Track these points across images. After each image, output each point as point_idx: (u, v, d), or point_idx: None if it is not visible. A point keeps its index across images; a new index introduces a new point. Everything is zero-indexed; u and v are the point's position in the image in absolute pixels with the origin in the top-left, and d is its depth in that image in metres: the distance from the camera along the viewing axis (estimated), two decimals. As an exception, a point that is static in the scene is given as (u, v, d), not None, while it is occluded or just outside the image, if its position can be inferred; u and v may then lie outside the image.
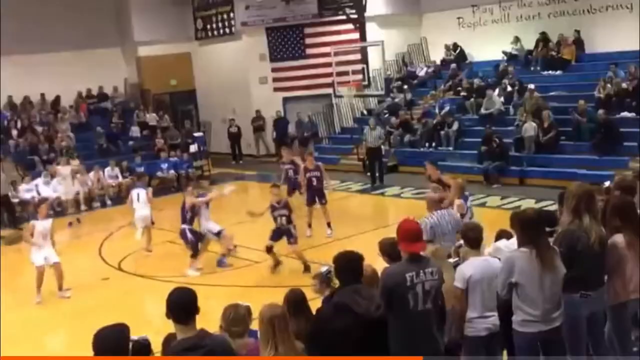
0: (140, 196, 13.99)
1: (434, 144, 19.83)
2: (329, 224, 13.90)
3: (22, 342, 9.84)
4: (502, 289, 5.26)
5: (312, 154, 15.79)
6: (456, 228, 7.31)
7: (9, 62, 22.41)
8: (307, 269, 11.35)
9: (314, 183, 14.03)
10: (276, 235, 11.77)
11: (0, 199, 17.18)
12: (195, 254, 12.22)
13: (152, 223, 14.15)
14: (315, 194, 14.00)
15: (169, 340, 5.07)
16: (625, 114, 17.18)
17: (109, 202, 19.54)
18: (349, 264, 4.96)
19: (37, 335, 10.17)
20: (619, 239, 5.45)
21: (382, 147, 19.15)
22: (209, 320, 4.88)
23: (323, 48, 22.97)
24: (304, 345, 4.68)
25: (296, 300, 5.29)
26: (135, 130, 23.53)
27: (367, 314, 4.65)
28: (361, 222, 14.75)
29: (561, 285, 5.21)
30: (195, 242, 12.22)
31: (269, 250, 11.77)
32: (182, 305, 4.26)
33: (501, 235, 6.62)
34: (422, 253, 5.05)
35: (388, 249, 5.63)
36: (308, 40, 23.97)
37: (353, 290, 4.78)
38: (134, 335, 5.19)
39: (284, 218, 11.71)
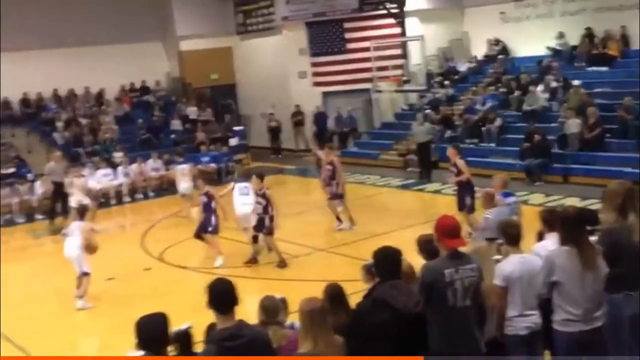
0: (247, 190, 12.72)
1: (475, 140, 19.62)
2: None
3: (63, 328, 10.07)
4: (542, 288, 5.20)
5: (333, 148, 15.61)
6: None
7: (57, 56, 22.96)
8: (281, 263, 11.81)
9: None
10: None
11: (55, 187, 17.35)
12: None
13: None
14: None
15: (211, 329, 5.15)
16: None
17: (151, 193, 19.81)
18: (387, 259, 4.97)
19: (78, 322, 10.39)
20: None
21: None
22: (246, 312, 4.95)
23: (363, 43, 22.89)
24: (343, 338, 4.70)
25: (334, 294, 5.29)
26: (176, 124, 23.78)
27: (406, 309, 4.65)
28: (400, 218, 14.69)
29: (603, 285, 5.14)
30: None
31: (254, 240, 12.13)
32: (222, 295, 4.33)
33: (542, 234, 6.52)
34: (464, 250, 5.03)
35: (426, 246, 5.62)
36: (348, 35, 23.93)
37: (391, 285, 4.78)
38: (175, 327, 5.34)
39: (260, 207, 11.87)
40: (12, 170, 19.11)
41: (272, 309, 5.20)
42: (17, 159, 19.95)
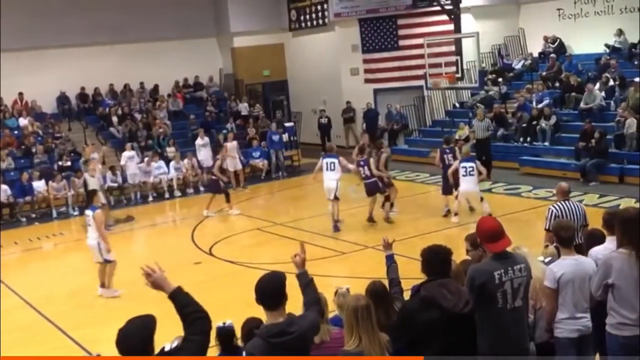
0: (333, 165, 13.98)
1: (529, 139, 19.25)
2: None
3: (113, 319, 10.22)
4: (596, 290, 5.07)
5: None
6: (581, 221, 7.70)
7: (113, 52, 23.47)
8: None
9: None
10: None
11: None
12: None
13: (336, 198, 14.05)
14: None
15: (247, 324, 5.17)
16: None
17: (202, 188, 20.02)
18: (437, 257, 4.86)
19: (128, 313, 10.54)
20: None
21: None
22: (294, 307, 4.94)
23: (416, 39, 22.70)
24: (389, 337, 4.65)
25: (376, 292, 5.24)
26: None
27: (455, 309, 4.57)
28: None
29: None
30: None
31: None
32: (270, 291, 4.31)
33: (591, 234, 6.32)
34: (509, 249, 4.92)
35: (474, 241, 5.60)
36: (401, 32, 23.77)
37: (441, 284, 4.69)
38: (219, 322, 5.37)
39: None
40: (68, 163, 19.54)
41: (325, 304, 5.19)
42: (73, 153, 20.41)
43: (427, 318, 4.57)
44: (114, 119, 22.64)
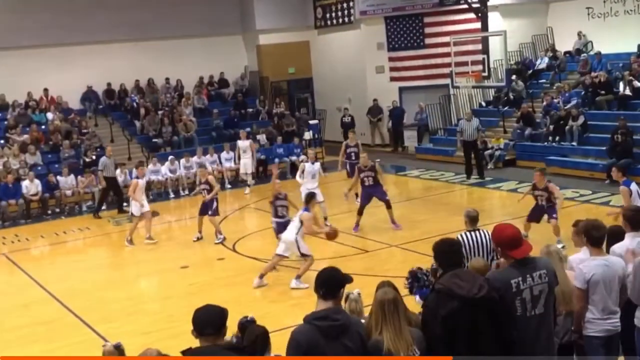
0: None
1: (557, 139, 19.03)
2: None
3: (138, 313, 10.32)
4: (633, 293, 4.96)
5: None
6: (490, 254, 7.48)
7: (140, 48, 23.68)
8: None
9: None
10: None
11: (108, 182, 17.87)
12: None
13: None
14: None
15: (252, 331, 5.18)
16: None
17: (228, 185, 20.05)
18: (449, 249, 4.85)
19: (151, 309, 10.61)
20: None
21: (480, 139, 18.91)
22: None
23: (442, 38, 22.57)
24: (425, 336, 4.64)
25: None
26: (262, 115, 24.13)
27: (470, 294, 4.51)
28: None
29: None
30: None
31: None
32: (326, 281, 4.45)
33: (612, 232, 6.18)
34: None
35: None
36: (427, 30, 23.65)
37: (453, 274, 4.66)
38: (241, 317, 5.40)
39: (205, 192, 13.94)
40: (93, 158, 19.72)
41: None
42: (99, 148, 20.59)
43: (449, 309, 4.52)
44: (140, 114, 22.77)
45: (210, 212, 14.01)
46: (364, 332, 4.44)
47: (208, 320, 4.15)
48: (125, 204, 17.95)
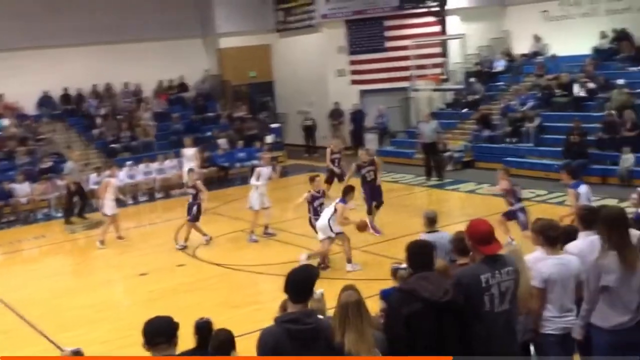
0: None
1: (514, 140, 19.31)
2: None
3: (97, 322, 10.14)
4: (594, 293, 5.09)
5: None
6: (448, 255, 7.42)
7: (97, 52, 23.32)
8: None
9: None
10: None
11: (69, 188, 17.57)
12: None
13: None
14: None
15: (218, 336, 5.17)
16: None
17: (158, 194, 19.78)
18: (420, 252, 4.93)
19: (110, 317, 10.44)
20: None
21: (439, 141, 19.05)
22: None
23: (403, 41, 22.74)
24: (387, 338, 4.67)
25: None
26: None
27: (434, 297, 4.57)
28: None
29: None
30: None
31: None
32: (297, 284, 4.38)
33: (567, 231, 6.28)
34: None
35: (459, 245, 5.65)
36: (388, 33, 23.80)
37: (420, 277, 4.73)
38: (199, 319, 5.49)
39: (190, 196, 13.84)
40: (49, 165, 19.37)
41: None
42: (55, 154, 20.23)
43: (408, 310, 4.58)
44: (97, 120, 22.46)
45: (189, 217, 13.85)
46: (332, 336, 4.43)
47: (158, 330, 4.12)
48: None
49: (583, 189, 10.39)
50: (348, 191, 11.50)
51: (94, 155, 21.12)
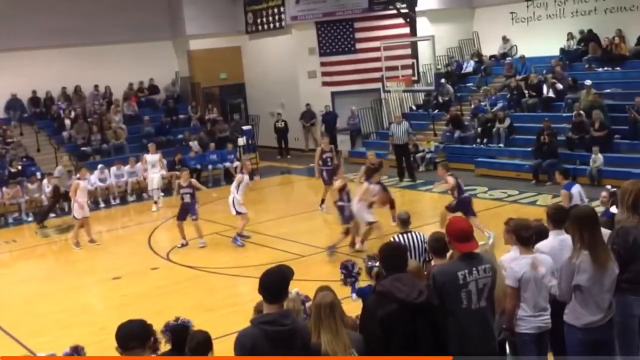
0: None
1: (484, 141, 19.53)
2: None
3: (70, 327, 10.05)
4: (566, 292, 5.16)
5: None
6: (422, 255, 7.97)
7: (67, 54, 23.07)
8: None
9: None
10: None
11: (56, 191, 17.48)
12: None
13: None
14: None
15: (195, 337, 5.17)
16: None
17: (114, 202, 19.53)
18: (393, 252, 4.98)
19: (83, 321, 10.35)
20: None
21: (411, 142, 19.29)
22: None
23: (373, 43, 22.85)
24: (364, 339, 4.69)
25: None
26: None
27: (409, 299, 4.62)
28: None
29: (614, 286, 5.09)
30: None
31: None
32: (272, 285, 4.35)
33: (538, 230, 6.38)
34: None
35: (435, 245, 5.66)
36: (358, 35, 23.90)
37: (395, 278, 4.76)
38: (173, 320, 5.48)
39: (187, 196, 13.75)
40: (19, 169, 19.11)
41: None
42: (24, 158, 19.97)
43: (384, 311, 4.61)
44: (67, 122, 22.20)
45: (193, 217, 13.80)
46: (309, 335, 4.46)
47: (131, 334, 4.08)
48: (53, 214, 17.57)
49: (576, 189, 10.57)
50: (373, 171, 12.12)
51: (64, 158, 20.84)
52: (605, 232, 5.41)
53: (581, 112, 17.47)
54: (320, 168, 16.18)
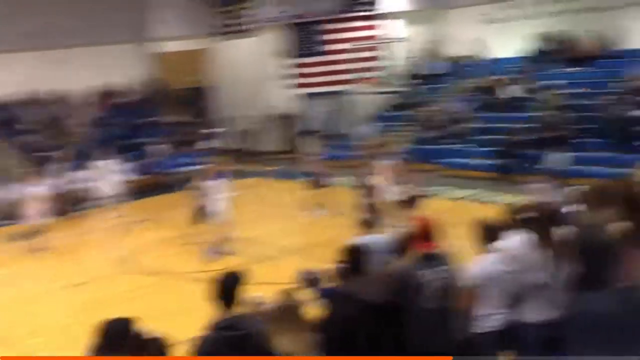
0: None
1: (452, 141, 19.58)
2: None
3: (30, 335, 9.83)
4: (516, 288, 5.20)
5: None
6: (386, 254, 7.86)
7: (28, 59, 22.66)
8: None
9: None
10: None
11: None
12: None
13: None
14: None
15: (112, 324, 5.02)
16: (637, 112, 16.78)
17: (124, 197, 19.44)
18: (354, 254, 5.12)
19: (47, 326, 10.12)
20: (621, 228, 5.32)
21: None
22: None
23: (343, 44, 22.86)
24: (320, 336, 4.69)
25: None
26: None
27: (371, 299, 4.72)
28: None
29: (571, 283, 5.06)
30: None
31: None
32: (224, 290, 4.43)
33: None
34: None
35: (397, 246, 5.72)
36: (328, 37, 23.89)
37: (357, 279, 4.90)
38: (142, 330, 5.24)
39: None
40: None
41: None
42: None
43: (348, 312, 4.71)
44: (28, 128, 21.81)
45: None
46: (265, 335, 4.45)
47: (118, 333, 4.26)
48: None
49: (539, 188, 10.75)
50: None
51: (23, 163, 20.45)
52: (565, 230, 5.42)
53: (549, 112, 17.60)
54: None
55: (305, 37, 24.06)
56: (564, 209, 6.33)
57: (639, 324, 5.41)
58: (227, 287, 4.42)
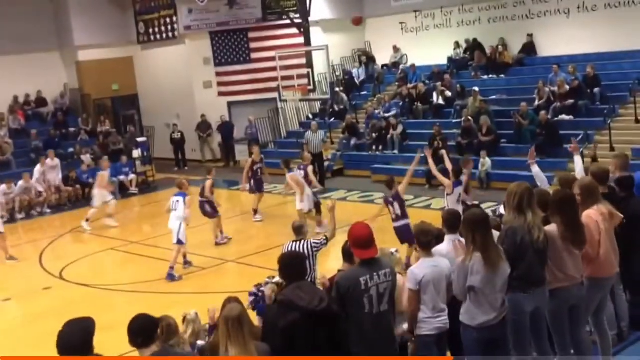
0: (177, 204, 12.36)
1: (380, 147, 19.95)
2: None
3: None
4: (461, 294, 5.32)
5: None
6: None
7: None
8: None
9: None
10: None
11: None
12: None
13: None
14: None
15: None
16: (563, 116, 17.58)
17: (47, 210, 18.93)
18: (291, 262, 5.09)
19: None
20: (552, 228, 5.62)
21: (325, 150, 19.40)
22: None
23: (268, 52, 22.90)
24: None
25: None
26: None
27: (310, 306, 4.71)
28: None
29: (507, 285, 5.31)
30: None
31: None
32: (144, 331, 4.49)
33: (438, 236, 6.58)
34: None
35: (343, 252, 5.83)
36: (253, 45, 23.89)
37: (295, 287, 4.86)
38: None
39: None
40: None
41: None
42: None
43: (290, 319, 4.68)
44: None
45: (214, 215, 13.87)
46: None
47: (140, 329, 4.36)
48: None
49: (460, 189, 11.24)
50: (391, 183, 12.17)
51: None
52: (496, 233, 5.66)
53: (469, 118, 18.20)
54: (249, 177, 16.03)
55: (231, 45, 24.01)
56: (494, 213, 6.56)
57: (573, 322, 5.78)
58: (141, 329, 4.51)
